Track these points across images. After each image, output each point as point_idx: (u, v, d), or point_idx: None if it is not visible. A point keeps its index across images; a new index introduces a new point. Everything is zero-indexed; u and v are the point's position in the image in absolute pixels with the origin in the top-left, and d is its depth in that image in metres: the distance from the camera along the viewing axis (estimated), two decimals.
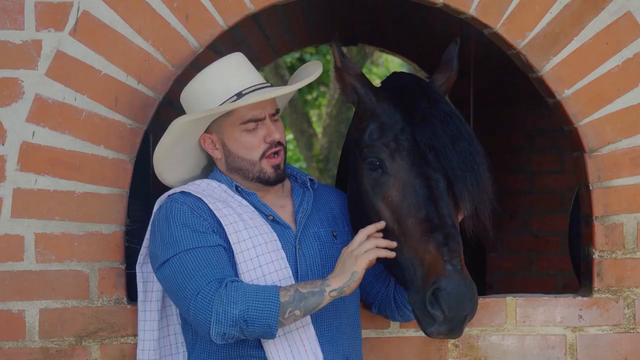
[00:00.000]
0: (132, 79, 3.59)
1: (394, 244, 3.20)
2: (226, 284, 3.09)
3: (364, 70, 14.25)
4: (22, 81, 3.56)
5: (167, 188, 3.46)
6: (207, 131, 3.38)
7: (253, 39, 7.19)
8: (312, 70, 3.47)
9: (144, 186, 4.81)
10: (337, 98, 12.77)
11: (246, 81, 3.35)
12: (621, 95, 3.75)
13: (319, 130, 14.71)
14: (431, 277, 3.12)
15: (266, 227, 3.27)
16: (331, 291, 3.14)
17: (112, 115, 3.59)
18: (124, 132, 3.60)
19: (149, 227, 3.34)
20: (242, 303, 3.06)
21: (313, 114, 15.35)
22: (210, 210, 3.24)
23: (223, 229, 3.22)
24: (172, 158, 3.42)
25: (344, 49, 11.85)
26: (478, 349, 3.76)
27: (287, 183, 3.46)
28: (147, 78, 3.60)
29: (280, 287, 3.13)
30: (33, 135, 3.56)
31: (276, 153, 3.34)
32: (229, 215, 3.24)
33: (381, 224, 3.25)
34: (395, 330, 3.71)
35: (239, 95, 3.31)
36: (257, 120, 3.31)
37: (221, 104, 3.30)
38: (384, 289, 3.53)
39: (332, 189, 3.60)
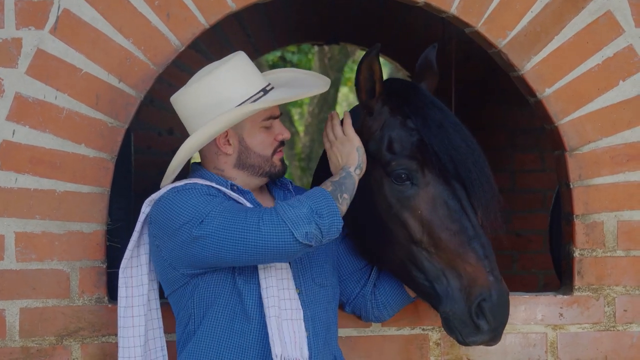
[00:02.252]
0: (113, 78, 3.58)
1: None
2: (277, 203, 3.16)
3: (346, 69, 14.27)
4: (2, 79, 3.54)
5: (147, 187, 3.44)
6: None
7: (235, 37, 7.19)
8: (306, 75, 3.52)
9: (125, 185, 4.79)
10: (318, 97, 12.78)
11: (262, 80, 3.37)
12: (602, 94, 3.77)
13: (300, 128, 14.73)
14: (476, 289, 3.25)
15: None
16: (355, 169, 3.29)
17: (93, 114, 3.58)
18: (105, 131, 3.59)
19: (137, 229, 3.30)
20: (303, 204, 3.13)
21: (295, 113, 15.36)
22: (225, 194, 3.25)
23: None
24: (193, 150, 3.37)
25: (325, 48, 11.90)
26: (459, 347, 3.76)
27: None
28: (128, 77, 3.59)
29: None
30: (13, 133, 3.54)
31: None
32: (238, 202, 3.26)
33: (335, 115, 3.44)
34: (377, 328, 3.71)
35: (264, 91, 3.32)
36: (275, 118, 3.36)
37: (250, 97, 3.28)
38: (359, 288, 3.55)
39: (305, 189, 3.60)
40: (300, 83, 3.47)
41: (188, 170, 3.49)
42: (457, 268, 3.29)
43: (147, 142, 5.91)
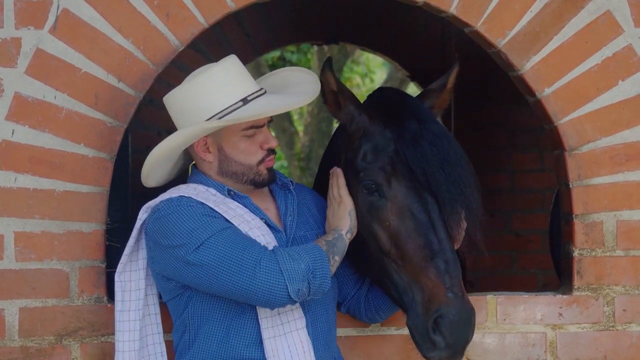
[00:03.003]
0: (112, 77, 3.58)
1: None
2: (279, 249, 3.15)
3: (345, 69, 14.27)
4: (2, 79, 3.54)
5: (145, 188, 3.45)
6: None
7: (234, 37, 7.19)
8: (305, 79, 3.47)
9: (123, 186, 4.79)
10: (319, 96, 12.78)
11: (248, 87, 3.32)
12: (601, 94, 3.77)
13: (300, 128, 14.72)
14: (433, 305, 3.21)
15: (266, 228, 3.28)
16: (346, 233, 3.30)
17: (93, 113, 3.58)
18: (105, 131, 3.59)
19: (134, 235, 3.30)
20: (302, 258, 3.13)
21: (294, 112, 15.34)
22: (218, 212, 3.22)
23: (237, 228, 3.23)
24: (161, 160, 3.38)
25: (325, 48, 11.89)
26: None
27: None
28: (127, 76, 3.59)
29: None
30: (12, 133, 3.54)
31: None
32: (235, 216, 3.24)
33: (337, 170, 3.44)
34: (376, 328, 3.71)
35: (245, 101, 3.27)
36: (258, 127, 3.30)
37: (227, 107, 3.25)
38: (355, 291, 3.56)
39: (308, 189, 3.61)
40: (291, 88, 3.43)
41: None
42: (420, 282, 3.25)
43: (146, 142, 5.91)
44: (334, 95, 3.47)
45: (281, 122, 13.78)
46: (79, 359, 3.58)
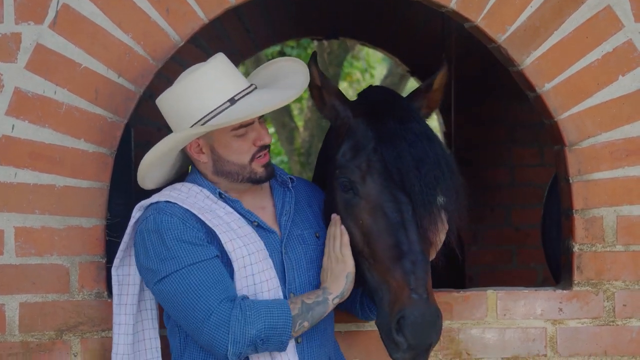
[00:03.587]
0: (112, 73, 3.58)
1: None
2: (239, 304, 3.11)
3: (345, 64, 14.25)
4: (2, 74, 3.54)
5: None
6: None
7: (234, 32, 7.18)
8: (297, 69, 3.43)
9: (125, 180, 4.79)
10: None
11: (236, 85, 3.29)
12: (601, 89, 3.77)
13: (300, 123, 14.70)
14: (397, 305, 3.18)
15: (254, 236, 3.26)
16: (334, 298, 3.24)
17: (93, 108, 3.58)
18: (105, 126, 3.59)
19: (128, 232, 3.31)
20: (259, 322, 3.09)
21: (294, 107, 15.34)
22: (201, 221, 3.21)
23: (217, 238, 3.20)
24: (154, 164, 3.38)
25: (325, 43, 11.89)
26: (459, 342, 3.77)
27: None
28: (127, 71, 3.59)
29: (287, 300, 3.18)
30: (12, 128, 3.54)
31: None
32: (220, 225, 3.22)
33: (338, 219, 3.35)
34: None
35: (232, 101, 3.24)
36: (248, 125, 3.27)
37: (215, 109, 3.23)
38: (352, 293, 3.54)
39: (309, 183, 3.59)
40: (282, 81, 3.40)
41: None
42: (387, 282, 3.22)
43: (146, 137, 5.91)
44: (319, 90, 3.45)
45: (281, 118, 13.76)
46: (79, 354, 3.59)
